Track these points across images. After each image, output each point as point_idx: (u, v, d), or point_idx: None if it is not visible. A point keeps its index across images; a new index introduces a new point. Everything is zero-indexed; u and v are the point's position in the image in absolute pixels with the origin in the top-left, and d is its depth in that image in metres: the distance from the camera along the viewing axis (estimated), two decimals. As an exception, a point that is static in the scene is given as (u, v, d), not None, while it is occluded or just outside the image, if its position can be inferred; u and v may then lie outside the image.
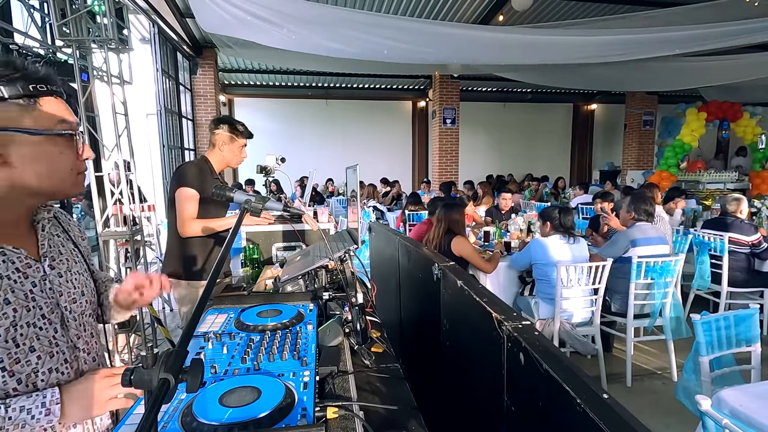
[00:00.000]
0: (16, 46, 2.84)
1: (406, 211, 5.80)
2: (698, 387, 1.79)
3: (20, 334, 0.75)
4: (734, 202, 3.73)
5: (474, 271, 3.17)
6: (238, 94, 10.87)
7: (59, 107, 0.79)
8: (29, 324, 0.77)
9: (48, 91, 0.77)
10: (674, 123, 8.85)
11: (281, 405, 0.77)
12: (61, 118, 0.78)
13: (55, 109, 0.78)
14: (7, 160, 0.73)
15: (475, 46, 5.57)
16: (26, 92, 0.73)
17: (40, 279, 0.81)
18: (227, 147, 2.14)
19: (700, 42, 5.11)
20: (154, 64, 6.24)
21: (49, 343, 0.80)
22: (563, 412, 0.59)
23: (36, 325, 0.78)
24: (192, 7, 4.71)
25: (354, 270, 1.41)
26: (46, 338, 0.80)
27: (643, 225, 3.11)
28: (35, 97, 0.75)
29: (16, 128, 0.73)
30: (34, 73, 0.76)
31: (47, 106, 0.77)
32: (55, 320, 0.82)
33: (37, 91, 0.75)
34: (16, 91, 0.72)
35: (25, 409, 0.71)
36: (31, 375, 0.76)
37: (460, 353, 1.13)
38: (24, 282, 0.78)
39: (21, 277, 0.77)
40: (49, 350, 0.80)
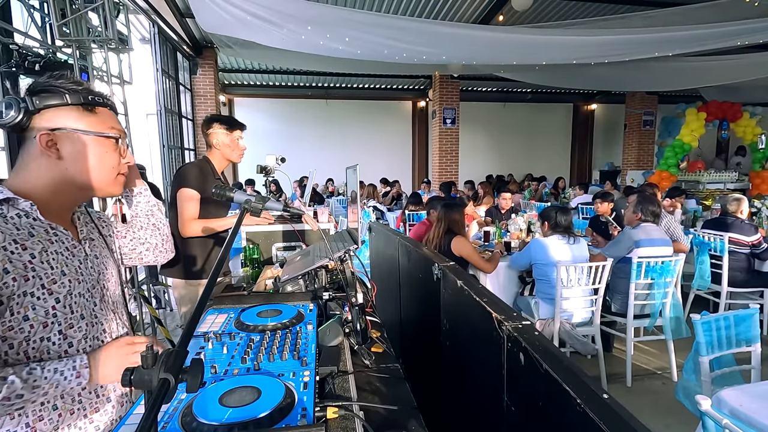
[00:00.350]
0: (16, 46, 2.84)
1: (406, 211, 5.80)
2: (698, 387, 1.79)
3: (74, 302, 0.88)
4: (735, 202, 3.73)
5: (474, 271, 3.17)
6: (238, 94, 10.87)
7: (110, 116, 0.95)
8: (80, 294, 0.90)
9: (102, 103, 0.93)
10: (674, 123, 8.85)
11: (281, 405, 0.77)
12: (110, 126, 0.93)
13: (106, 117, 0.93)
14: (61, 155, 0.87)
15: (475, 46, 5.57)
16: (86, 101, 0.89)
17: (83, 258, 0.94)
18: (224, 143, 2.15)
19: (700, 42, 5.11)
20: (154, 64, 6.24)
21: (91, 314, 0.92)
22: (563, 412, 0.59)
23: (83, 296, 0.91)
24: (192, 7, 4.71)
25: (354, 270, 1.40)
26: (90, 309, 0.92)
27: (648, 226, 3.10)
28: (92, 106, 0.91)
29: (73, 128, 0.87)
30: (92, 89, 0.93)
31: (100, 114, 0.92)
32: (96, 295, 0.95)
33: (94, 102, 0.91)
34: (78, 99, 0.88)
35: (58, 371, 0.80)
36: (81, 341, 0.89)
37: (460, 353, 1.13)
38: (72, 259, 0.90)
39: (70, 255, 0.90)
40: (92, 320, 0.92)
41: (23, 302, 0.80)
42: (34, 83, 0.89)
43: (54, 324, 0.84)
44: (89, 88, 0.92)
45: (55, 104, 0.86)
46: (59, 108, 0.87)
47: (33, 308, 0.81)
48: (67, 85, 0.88)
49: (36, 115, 0.85)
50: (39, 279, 0.82)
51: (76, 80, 0.91)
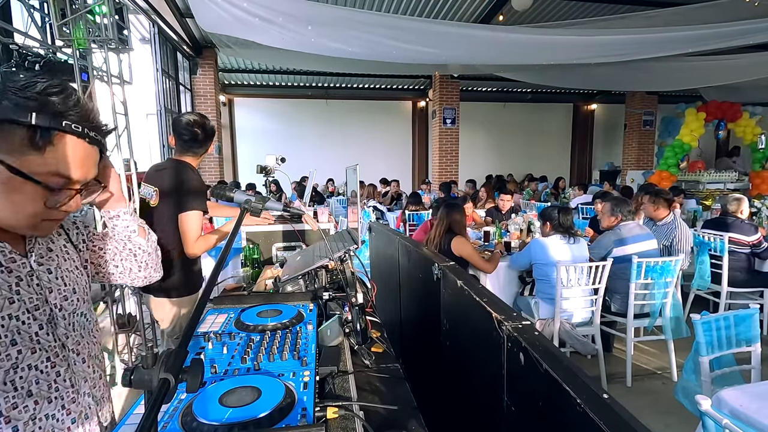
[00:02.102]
0: (16, 46, 2.84)
1: (406, 211, 5.80)
2: (698, 387, 1.79)
3: (0, 326, 0.72)
4: (735, 202, 3.73)
5: (474, 271, 3.17)
6: (238, 94, 10.86)
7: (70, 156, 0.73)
8: (11, 316, 0.74)
9: (80, 134, 0.73)
10: (674, 123, 8.85)
11: (281, 405, 0.77)
12: (56, 171, 0.72)
13: (60, 154, 0.71)
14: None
15: (475, 46, 5.57)
16: (49, 125, 0.69)
17: (26, 274, 0.79)
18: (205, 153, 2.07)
19: (700, 42, 5.11)
20: (154, 64, 6.24)
21: (31, 339, 0.77)
22: (563, 412, 0.59)
23: (19, 318, 0.75)
24: (191, 7, 4.71)
25: (354, 270, 1.40)
26: (28, 334, 0.77)
27: (629, 224, 3.15)
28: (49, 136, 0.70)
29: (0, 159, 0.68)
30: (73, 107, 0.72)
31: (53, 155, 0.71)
32: (41, 317, 0.79)
33: (66, 129, 0.71)
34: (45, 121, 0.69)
35: None
36: (9, 371, 0.73)
37: (460, 353, 1.13)
38: (8, 276, 0.75)
39: (4, 271, 0.75)
40: (30, 346, 0.77)
41: None
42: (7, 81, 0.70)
43: None
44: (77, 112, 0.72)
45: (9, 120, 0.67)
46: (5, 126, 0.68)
47: None
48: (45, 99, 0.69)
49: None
50: None
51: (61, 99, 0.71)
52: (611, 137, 12.68)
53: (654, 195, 3.68)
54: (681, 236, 3.48)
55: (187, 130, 1.94)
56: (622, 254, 3.04)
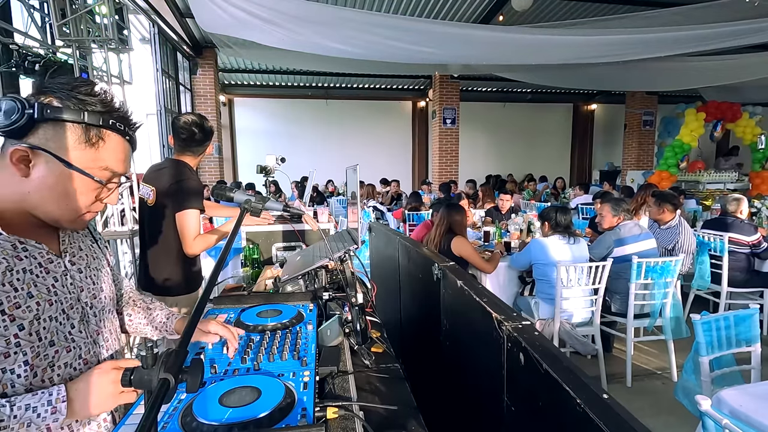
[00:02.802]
0: (16, 46, 2.84)
1: (406, 210, 5.80)
2: (698, 387, 1.79)
3: (43, 328, 0.76)
4: (734, 202, 3.73)
5: (474, 271, 3.17)
6: (238, 94, 10.87)
7: (116, 153, 0.79)
8: (50, 318, 0.78)
9: (122, 132, 0.79)
10: (674, 123, 8.85)
11: (281, 405, 0.77)
12: (105, 166, 0.78)
13: (110, 154, 0.78)
14: (29, 173, 0.74)
15: (475, 45, 5.56)
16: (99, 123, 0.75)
17: (61, 274, 0.82)
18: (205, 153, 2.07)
19: (700, 42, 5.11)
20: (154, 64, 6.23)
21: (65, 338, 0.81)
22: (563, 412, 0.59)
23: (57, 319, 0.79)
24: (191, 7, 4.71)
25: (354, 270, 1.40)
26: (63, 333, 0.80)
27: (628, 224, 3.16)
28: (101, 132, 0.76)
29: (57, 154, 0.73)
30: (115, 109, 0.78)
31: (106, 148, 0.77)
32: (74, 316, 0.83)
33: (111, 127, 0.76)
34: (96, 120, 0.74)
35: (30, 407, 0.70)
36: (47, 369, 0.77)
37: (460, 353, 1.13)
38: (46, 277, 0.79)
39: (43, 272, 0.79)
40: (66, 345, 0.81)
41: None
42: (50, 84, 0.74)
43: (18, 354, 0.73)
44: (113, 107, 0.77)
45: (68, 120, 0.72)
46: (61, 125, 0.72)
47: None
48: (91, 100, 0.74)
49: None
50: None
51: (104, 99, 0.76)
52: (611, 137, 12.69)
53: (661, 198, 3.66)
54: (684, 240, 3.47)
55: (185, 130, 1.94)
56: (621, 254, 3.04)
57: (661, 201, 3.63)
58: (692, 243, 3.51)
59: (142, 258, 2.03)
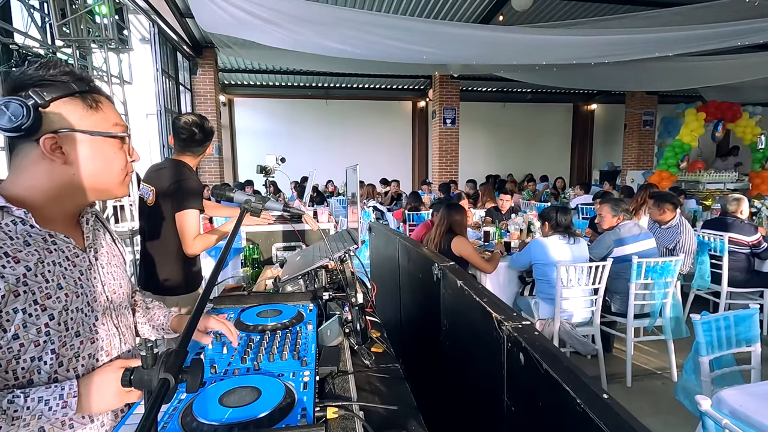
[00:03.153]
0: (16, 46, 2.84)
1: (406, 211, 5.80)
2: (698, 387, 1.79)
3: (70, 318, 0.80)
4: (735, 202, 3.72)
5: (473, 270, 3.17)
6: (238, 94, 10.87)
7: (112, 111, 0.85)
8: (77, 309, 0.82)
9: (105, 95, 0.85)
10: (674, 123, 8.85)
11: (281, 405, 0.77)
12: (116, 122, 0.84)
13: (110, 113, 0.84)
14: (67, 159, 0.79)
15: (475, 46, 5.56)
16: (91, 89, 0.81)
17: (86, 268, 0.86)
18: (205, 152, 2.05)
19: (700, 42, 5.11)
20: (154, 64, 6.23)
21: (90, 329, 0.84)
22: (563, 412, 0.59)
23: (82, 311, 0.83)
24: (191, 7, 4.71)
25: (354, 270, 1.40)
26: (88, 325, 0.84)
27: (627, 224, 3.16)
28: (95, 101, 0.81)
29: (78, 129, 0.79)
30: (90, 78, 0.84)
31: (104, 109, 0.83)
32: (98, 308, 0.87)
33: (101, 94, 0.83)
34: (83, 86, 0.79)
35: (43, 400, 0.72)
36: (72, 359, 0.80)
37: (460, 353, 1.13)
38: (73, 270, 0.82)
39: (70, 266, 0.82)
40: (90, 336, 0.84)
41: (14, 320, 0.72)
42: (24, 77, 0.76)
43: (47, 343, 0.76)
44: (87, 77, 0.82)
45: (64, 94, 0.77)
46: (64, 103, 0.77)
47: (24, 326, 0.73)
48: (65, 75, 0.78)
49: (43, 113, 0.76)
50: (32, 294, 0.74)
51: (71, 70, 0.80)
52: (611, 137, 12.68)
53: (660, 199, 3.65)
54: (685, 240, 3.47)
55: (186, 130, 1.94)
56: (621, 254, 3.04)
57: (660, 202, 3.63)
58: (693, 243, 3.51)
59: (142, 257, 2.03)
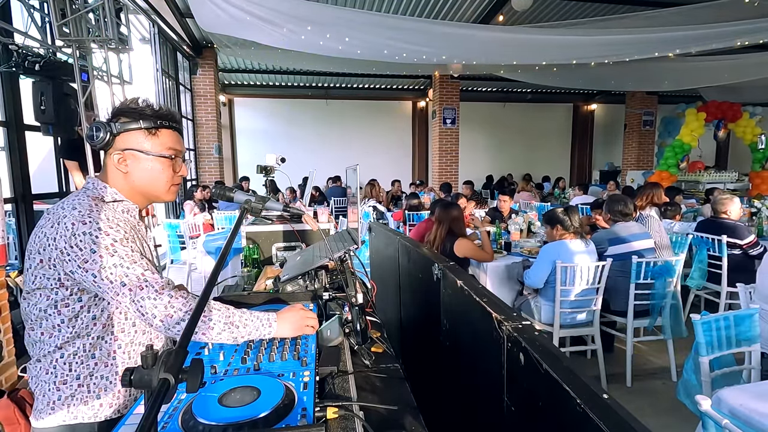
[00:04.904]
0: (16, 46, 2.84)
1: (406, 211, 5.79)
2: (698, 387, 1.79)
3: None
4: (721, 203, 3.68)
5: (473, 270, 3.17)
6: (238, 94, 10.87)
7: (171, 138, 1.11)
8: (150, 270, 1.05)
9: (168, 126, 1.10)
10: (674, 123, 8.85)
11: (281, 405, 0.77)
12: (170, 147, 1.10)
13: (167, 139, 1.10)
14: (128, 169, 1.07)
15: (475, 46, 5.57)
16: (153, 125, 1.07)
17: (148, 247, 1.13)
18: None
19: (700, 42, 5.11)
20: (154, 64, 6.24)
21: None
22: (563, 412, 0.59)
23: None
24: (191, 6, 4.71)
25: (354, 270, 1.40)
26: None
27: (627, 223, 3.13)
28: (157, 129, 1.08)
29: (139, 149, 1.07)
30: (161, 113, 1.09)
31: (162, 136, 1.09)
32: None
33: (160, 125, 1.08)
34: (148, 123, 1.06)
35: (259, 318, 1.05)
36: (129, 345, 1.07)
37: (460, 353, 1.13)
38: (145, 245, 1.12)
39: (144, 241, 1.12)
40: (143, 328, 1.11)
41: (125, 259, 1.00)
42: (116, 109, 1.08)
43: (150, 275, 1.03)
44: (159, 113, 1.08)
45: (131, 129, 1.05)
46: (132, 131, 1.05)
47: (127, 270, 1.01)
48: (141, 110, 1.06)
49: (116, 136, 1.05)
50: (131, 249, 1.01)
51: (148, 104, 1.09)
52: (611, 137, 12.69)
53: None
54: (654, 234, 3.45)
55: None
56: (616, 252, 3.02)
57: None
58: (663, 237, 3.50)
59: None
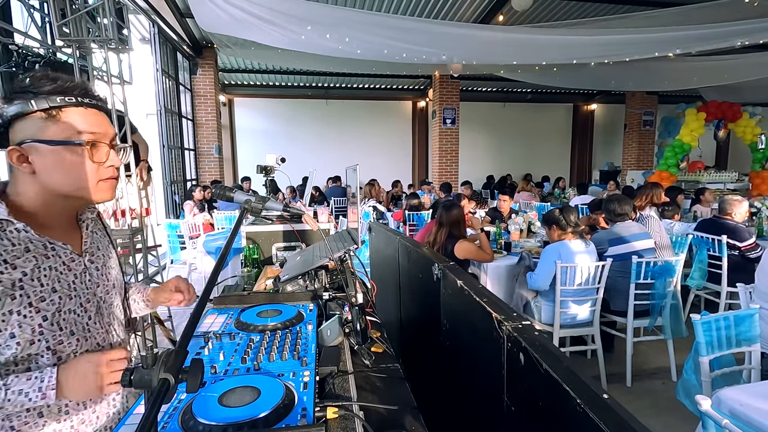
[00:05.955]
0: (16, 46, 2.83)
1: (406, 211, 5.79)
2: (698, 387, 1.79)
3: (63, 319, 0.87)
4: (729, 204, 3.69)
5: (473, 270, 3.17)
6: (238, 94, 10.87)
7: (82, 118, 0.85)
8: (70, 311, 0.88)
9: (76, 103, 0.84)
10: (674, 123, 8.85)
11: (281, 405, 0.77)
12: (79, 130, 0.84)
13: (76, 119, 0.84)
14: (34, 168, 0.83)
15: (475, 46, 5.57)
16: (52, 104, 0.81)
17: (81, 272, 0.92)
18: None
19: (700, 42, 5.11)
20: (154, 64, 6.24)
21: (83, 329, 0.91)
22: (563, 412, 0.59)
23: (76, 312, 0.89)
24: (191, 6, 4.71)
25: (354, 270, 1.40)
26: (81, 324, 0.91)
27: (627, 224, 3.13)
28: (58, 108, 0.82)
29: (37, 139, 0.82)
30: (62, 86, 0.83)
31: (69, 116, 0.83)
32: (91, 309, 0.93)
33: (63, 104, 0.83)
34: (44, 104, 0.81)
35: (23, 393, 0.78)
36: (70, 355, 0.87)
37: (460, 353, 1.13)
38: (68, 274, 0.89)
39: (66, 270, 0.89)
40: (84, 335, 0.91)
41: (9, 321, 0.79)
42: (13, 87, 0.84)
43: (41, 341, 0.83)
44: (59, 86, 0.83)
45: (24, 114, 0.81)
46: (24, 117, 0.81)
47: (19, 326, 0.80)
48: (37, 87, 0.82)
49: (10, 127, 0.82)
50: (27, 297, 0.81)
51: (49, 76, 0.83)
52: (611, 137, 12.69)
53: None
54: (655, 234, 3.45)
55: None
56: (616, 252, 3.02)
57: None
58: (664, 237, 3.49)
59: None
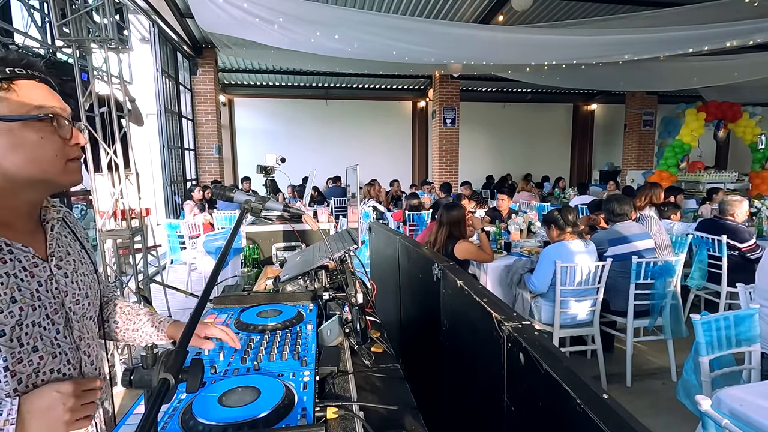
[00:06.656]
0: (16, 46, 2.84)
1: (406, 211, 5.79)
2: (698, 387, 1.79)
3: (25, 333, 0.74)
4: (730, 204, 3.68)
5: (473, 270, 3.17)
6: (238, 94, 10.87)
7: (38, 92, 0.76)
8: (34, 323, 0.76)
9: (27, 75, 0.75)
10: (674, 123, 8.85)
11: (281, 405, 0.77)
12: (38, 104, 0.74)
13: (32, 93, 0.74)
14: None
15: (475, 46, 5.57)
16: (2, 76, 0.72)
17: (46, 279, 0.80)
18: None
19: (700, 42, 5.11)
20: (154, 64, 6.24)
21: (51, 343, 0.79)
22: (563, 412, 0.59)
23: (40, 324, 0.77)
24: (191, 6, 4.71)
25: (354, 270, 1.40)
26: (48, 339, 0.78)
27: (627, 224, 3.13)
28: (9, 81, 0.72)
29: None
30: (10, 58, 0.74)
31: (23, 90, 0.73)
32: (59, 321, 0.81)
33: (14, 74, 0.73)
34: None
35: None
36: (32, 375, 0.75)
37: (460, 353, 1.13)
38: (30, 281, 0.76)
39: (27, 276, 0.76)
40: (51, 351, 0.78)
41: None
42: None
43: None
44: (8, 60, 0.74)
45: None
46: None
47: None
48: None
49: None
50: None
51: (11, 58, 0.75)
52: (611, 137, 12.69)
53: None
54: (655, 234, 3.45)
55: None
56: (616, 252, 3.02)
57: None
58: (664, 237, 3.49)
59: None
